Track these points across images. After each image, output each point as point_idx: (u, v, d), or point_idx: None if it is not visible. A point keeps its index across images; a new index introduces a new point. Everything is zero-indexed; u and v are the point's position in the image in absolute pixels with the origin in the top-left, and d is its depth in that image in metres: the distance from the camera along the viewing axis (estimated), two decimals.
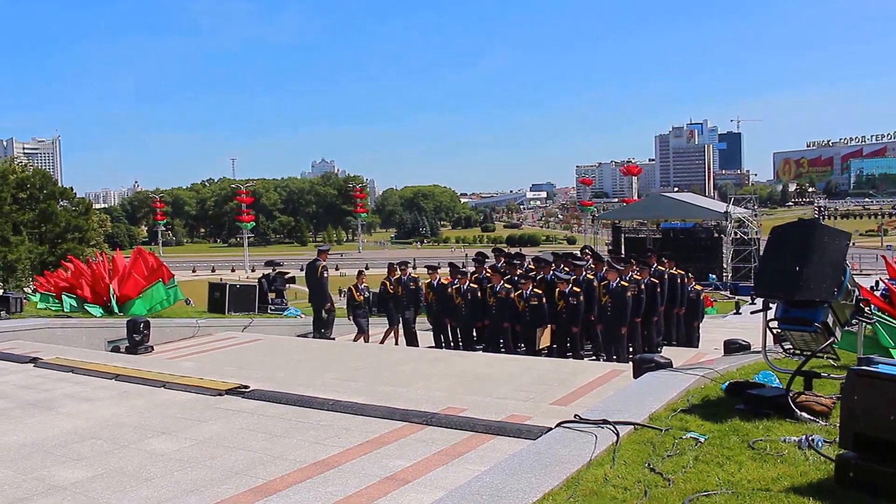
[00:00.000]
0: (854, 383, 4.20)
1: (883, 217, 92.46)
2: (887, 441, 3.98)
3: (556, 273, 14.24)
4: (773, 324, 6.19)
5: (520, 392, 8.92)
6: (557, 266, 14.60)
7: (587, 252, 16.14)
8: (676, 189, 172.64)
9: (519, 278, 13.96)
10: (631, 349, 13.02)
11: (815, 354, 6.01)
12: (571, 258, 15.15)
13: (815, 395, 5.82)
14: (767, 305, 6.29)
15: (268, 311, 18.24)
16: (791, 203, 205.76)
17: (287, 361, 12.28)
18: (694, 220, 57.17)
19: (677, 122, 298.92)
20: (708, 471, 4.51)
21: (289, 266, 27.53)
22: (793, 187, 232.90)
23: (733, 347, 9.83)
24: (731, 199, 60.50)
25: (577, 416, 5.70)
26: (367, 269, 21.06)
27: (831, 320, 5.89)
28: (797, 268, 5.69)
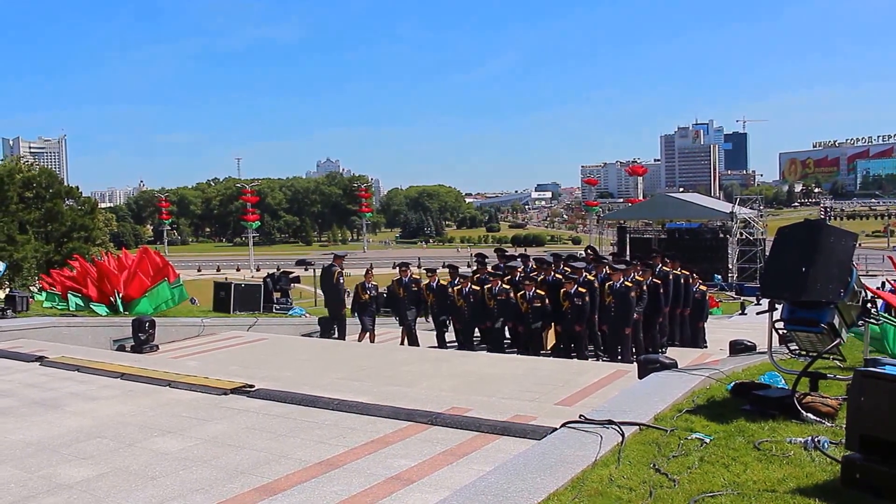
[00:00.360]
0: (860, 384, 4.19)
1: (889, 218, 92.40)
2: (894, 443, 3.97)
3: (562, 272, 14.19)
4: (779, 324, 6.18)
5: (524, 392, 8.91)
6: (558, 267, 14.58)
7: (590, 252, 16.14)
8: (682, 189, 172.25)
9: (522, 279, 13.96)
10: (633, 350, 13.00)
11: (821, 355, 6.01)
12: (573, 260, 15.14)
13: (821, 396, 5.81)
14: (773, 306, 6.28)
15: (273, 310, 18.28)
16: (797, 204, 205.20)
17: (292, 361, 12.30)
18: (699, 220, 56.89)
19: (683, 123, 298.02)
20: (713, 471, 4.50)
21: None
22: (799, 188, 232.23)
23: (739, 348, 9.84)
24: (737, 200, 60.22)
25: (582, 416, 5.70)
26: (372, 268, 21.01)
27: (837, 321, 5.89)
28: (803, 268, 5.68)
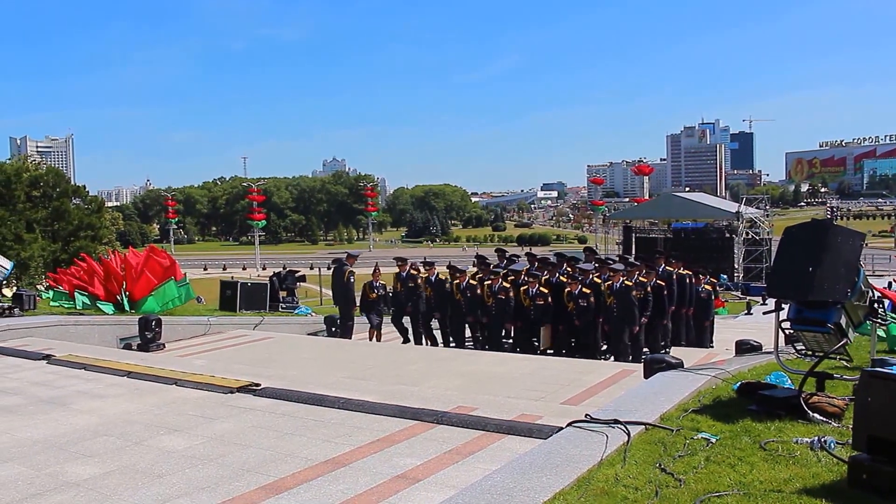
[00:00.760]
0: (867, 385, 4.18)
1: None
2: None
3: (565, 272, 14.16)
4: (786, 324, 6.17)
5: (530, 391, 8.91)
6: (562, 267, 14.55)
7: (588, 253, 16.11)
8: (688, 189, 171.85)
9: (525, 276, 13.93)
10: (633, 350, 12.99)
11: (827, 355, 5.99)
12: (576, 260, 15.11)
13: (827, 397, 5.79)
14: (780, 306, 6.27)
15: (279, 309, 18.30)
16: (803, 203, 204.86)
17: (298, 359, 12.31)
18: (705, 220, 56.88)
19: (689, 122, 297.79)
20: (719, 471, 4.49)
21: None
22: (805, 187, 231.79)
23: (745, 348, 9.83)
24: (743, 200, 60.18)
25: (587, 415, 5.69)
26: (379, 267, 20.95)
27: (844, 321, 5.87)
28: (810, 268, 5.67)
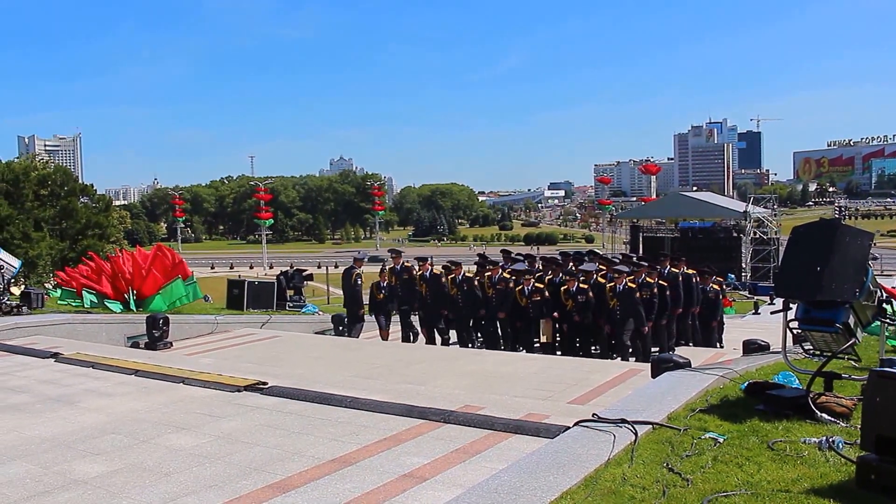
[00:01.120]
0: (876, 385, 4.16)
1: None
2: None
3: (569, 272, 14.15)
4: (794, 324, 6.15)
5: (537, 391, 8.90)
6: (566, 266, 14.53)
7: (593, 256, 16.09)
8: (695, 188, 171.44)
9: (521, 273, 13.92)
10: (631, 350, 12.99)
11: (835, 355, 5.97)
12: (579, 261, 15.11)
13: (835, 397, 5.77)
14: (788, 306, 6.24)
15: (286, 307, 18.33)
16: (811, 203, 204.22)
17: (305, 358, 12.33)
18: (713, 219, 56.80)
19: (697, 121, 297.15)
20: (727, 471, 4.48)
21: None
22: (813, 187, 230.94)
23: (752, 348, 9.81)
24: (751, 199, 60.16)
25: (595, 415, 5.69)
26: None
27: (853, 321, 5.84)
28: (818, 268, 5.65)
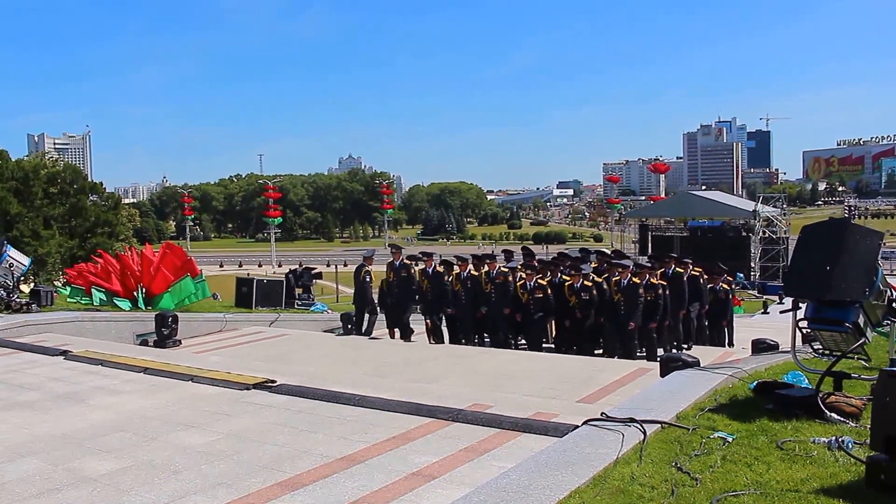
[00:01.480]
0: (886, 385, 4.15)
1: None
2: None
3: (568, 272, 14.12)
4: (803, 324, 6.13)
5: (546, 389, 8.90)
6: (563, 265, 14.51)
7: (601, 256, 16.04)
8: (704, 187, 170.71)
9: (522, 269, 13.89)
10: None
11: (845, 355, 5.95)
12: (583, 260, 15.08)
13: (845, 396, 5.75)
14: (797, 305, 6.23)
15: (295, 306, 18.35)
16: (821, 202, 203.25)
17: (314, 356, 12.36)
18: (722, 218, 56.58)
19: (706, 120, 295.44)
20: (736, 471, 4.48)
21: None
22: (823, 186, 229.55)
23: (761, 347, 9.80)
24: (760, 198, 59.88)
25: (603, 414, 5.69)
26: None
27: (863, 320, 5.82)
28: (828, 267, 5.63)
